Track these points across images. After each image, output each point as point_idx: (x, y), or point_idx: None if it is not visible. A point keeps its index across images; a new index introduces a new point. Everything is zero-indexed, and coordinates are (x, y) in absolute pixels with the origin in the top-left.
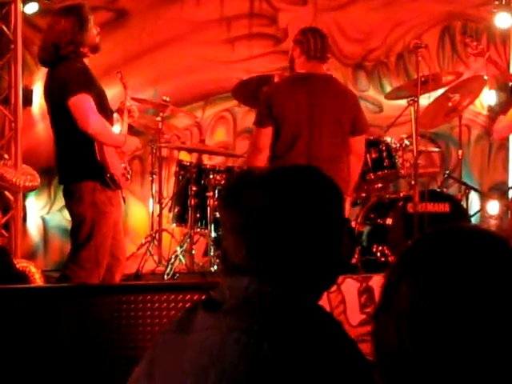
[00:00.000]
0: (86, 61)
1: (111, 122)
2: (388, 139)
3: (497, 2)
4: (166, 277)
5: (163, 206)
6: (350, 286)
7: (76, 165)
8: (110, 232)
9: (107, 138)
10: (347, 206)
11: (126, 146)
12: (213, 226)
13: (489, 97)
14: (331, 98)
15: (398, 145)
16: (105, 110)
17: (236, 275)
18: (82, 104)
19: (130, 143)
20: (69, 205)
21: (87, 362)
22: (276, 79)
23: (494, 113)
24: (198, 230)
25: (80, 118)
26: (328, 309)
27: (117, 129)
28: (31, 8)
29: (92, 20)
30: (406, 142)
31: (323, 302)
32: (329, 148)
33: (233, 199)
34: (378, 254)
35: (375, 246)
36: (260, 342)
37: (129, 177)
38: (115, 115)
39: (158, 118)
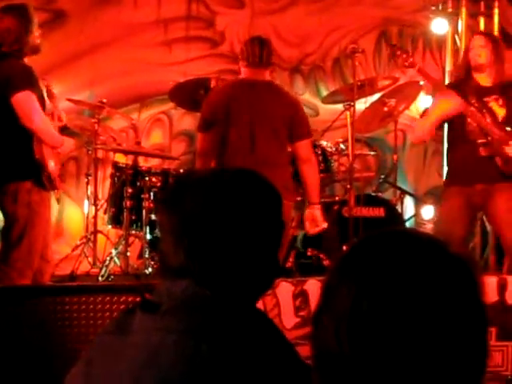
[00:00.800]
0: (25, 60)
1: None
2: (324, 143)
3: (433, 8)
4: (100, 278)
5: (98, 207)
6: (284, 289)
7: (13, 164)
8: (42, 232)
9: (49, 137)
10: (291, 211)
11: (63, 147)
12: (148, 228)
13: (425, 102)
14: (269, 105)
15: (334, 149)
16: (44, 109)
17: (174, 277)
18: (27, 101)
19: (67, 144)
20: (1, 204)
21: (21, 364)
22: (213, 82)
23: None
24: (133, 231)
25: (24, 114)
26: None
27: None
28: None
29: (35, 21)
30: (342, 146)
31: (258, 305)
32: (266, 153)
33: (171, 201)
34: (313, 258)
35: (310, 250)
36: (198, 344)
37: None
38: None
39: (94, 120)
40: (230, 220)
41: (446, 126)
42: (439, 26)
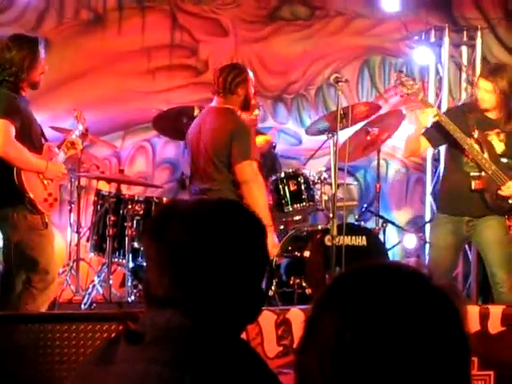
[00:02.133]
0: (23, 93)
1: (38, 151)
2: (307, 172)
3: (416, 38)
4: (83, 306)
5: (81, 235)
6: (267, 318)
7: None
8: (51, 251)
9: (23, 163)
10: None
11: (48, 172)
12: (131, 256)
13: (407, 131)
14: (211, 130)
15: (317, 177)
16: (29, 138)
17: (158, 307)
18: None
19: (52, 169)
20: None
21: None
22: (196, 110)
23: None
24: (116, 259)
25: None
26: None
27: (61, 156)
28: None
29: (43, 58)
30: (325, 174)
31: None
32: (209, 179)
33: (157, 231)
34: (296, 287)
35: (293, 279)
36: (182, 375)
37: (55, 203)
38: (48, 144)
39: (80, 146)
40: (216, 250)
41: (442, 154)
42: (422, 55)
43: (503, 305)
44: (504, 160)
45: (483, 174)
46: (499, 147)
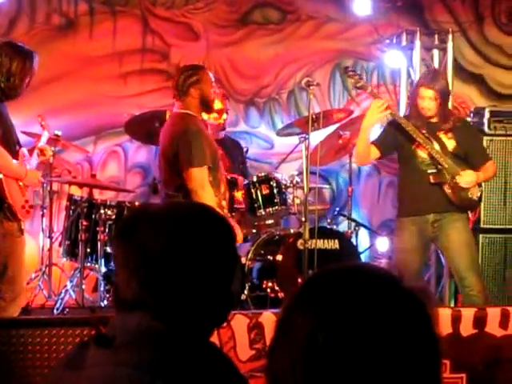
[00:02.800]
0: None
1: (15, 157)
2: (279, 176)
3: (387, 41)
4: (55, 311)
5: (53, 240)
6: (239, 322)
7: None
8: (21, 261)
9: (6, 169)
10: None
11: (27, 179)
12: (103, 260)
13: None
14: (163, 137)
15: (289, 181)
16: (8, 144)
17: (128, 311)
18: None
19: (31, 176)
20: None
21: None
22: (168, 115)
23: None
24: (88, 264)
25: None
26: (218, 344)
27: (34, 162)
28: None
29: (33, 72)
30: (297, 178)
31: (213, 337)
32: (165, 185)
33: (127, 235)
34: (268, 290)
35: (265, 282)
36: (153, 379)
37: (31, 210)
38: (23, 150)
39: (50, 153)
40: (185, 254)
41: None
42: (393, 58)
43: (475, 307)
44: (457, 158)
45: (439, 167)
46: (450, 144)
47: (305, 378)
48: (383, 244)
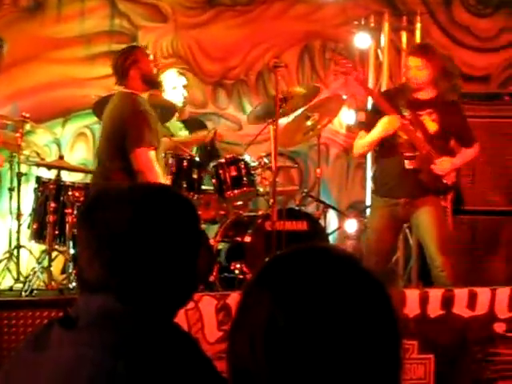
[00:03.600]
0: None
1: None
2: (247, 157)
3: (356, 22)
4: (23, 293)
5: (21, 222)
6: (207, 303)
7: None
8: None
9: None
10: None
11: None
12: (71, 242)
13: (348, 116)
14: (107, 117)
15: (257, 163)
16: None
17: (91, 292)
18: None
19: None
20: None
21: None
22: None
23: (353, 132)
24: (57, 246)
25: None
26: (186, 326)
27: None
28: None
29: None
30: (265, 160)
31: (181, 319)
32: (100, 166)
33: (90, 216)
34: (237, 272)
35: (233, 264)
36: (115, 360)
37: None
38: None
39: (17, 134)
40: (147, 235)
41: None
42: (362, 40)
43: (443, 288)
44: (437, 141)
45: (417, 152)
46: (432, 127)
47: (265, 360)
48: (351, 225)
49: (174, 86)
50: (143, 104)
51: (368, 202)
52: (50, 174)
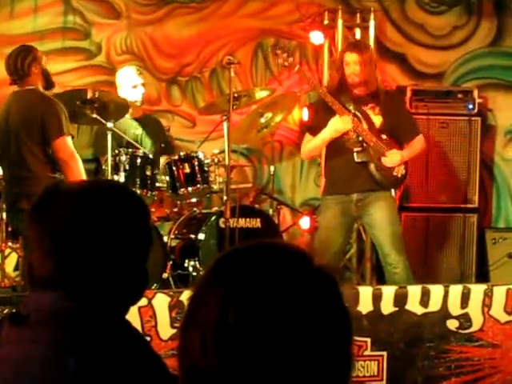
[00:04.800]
0: None
1: None
2: (200, 154)
3: (309, 20)
4: None
5: None
6: (161, 300)
7: None
8: None
9: None
10: None
11: None
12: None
13: (301, 113)
14: (19, 114)
15: (211, 160)
16: None
17: (42, 289)
18: None
19: None
20: None
21: None
22: (89, 93)
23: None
24: (10, 244)
25: None
26: (139, 323)
27: None
28: None
29: None
30: (219, 157)
31: (134, 316)
32: (24, 167)
33: (40, 213)
34: (190, 269)
35: (187, 261)
36: (66, 358)
37: None
38: None
39: None
40: (97, 232)
41: None
42: (316, 37)
43: (396, 285)
44: (384, 136)
45: (365, 145)
46: (377, 120)
47: (216, 357)
48: (305, 223)
49: (135, 85)
50: (51, 96)
51: None
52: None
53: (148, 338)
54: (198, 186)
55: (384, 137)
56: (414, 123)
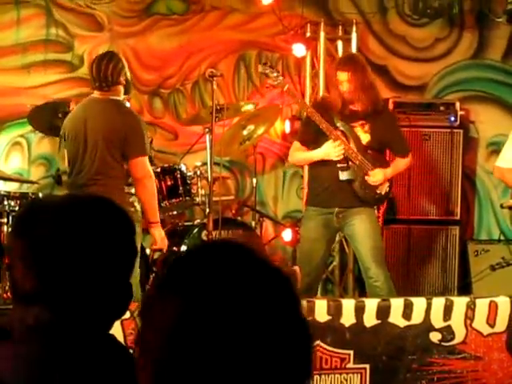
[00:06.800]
0: None
1: None
2: (183, 167)
3: (292, 32)
4: None
5: None
6: None
7: None
8: None
9: None
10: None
11: None
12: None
13: (284, 126)
14: (102, 123)
15: (193, 172)
16: None
17: (26, 304)
18: None
19: None
20: None
21: None
22: (72, 105)
23: (289, 142)
24: None
25: None
26: (121, 336)
27: None
28: None
29: None
30: (201, 169)
31: (116, 329)
32: (97, 174)
33: (23, 227)
34: None
35: None
36: (51, 373)
37: None
38: None
39: None
40: (80, 246)
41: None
42: (298, 49)
43: (378, 298)
44: (370, 152)
45: (350, 163)
46: (364, 138)
47: (172, 363)
48: (287, 234)
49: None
50: (137, 113)
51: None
52: None
53: (131, 351)
54: (181, 198)
55: (371, 154)
56: (404, 144)
